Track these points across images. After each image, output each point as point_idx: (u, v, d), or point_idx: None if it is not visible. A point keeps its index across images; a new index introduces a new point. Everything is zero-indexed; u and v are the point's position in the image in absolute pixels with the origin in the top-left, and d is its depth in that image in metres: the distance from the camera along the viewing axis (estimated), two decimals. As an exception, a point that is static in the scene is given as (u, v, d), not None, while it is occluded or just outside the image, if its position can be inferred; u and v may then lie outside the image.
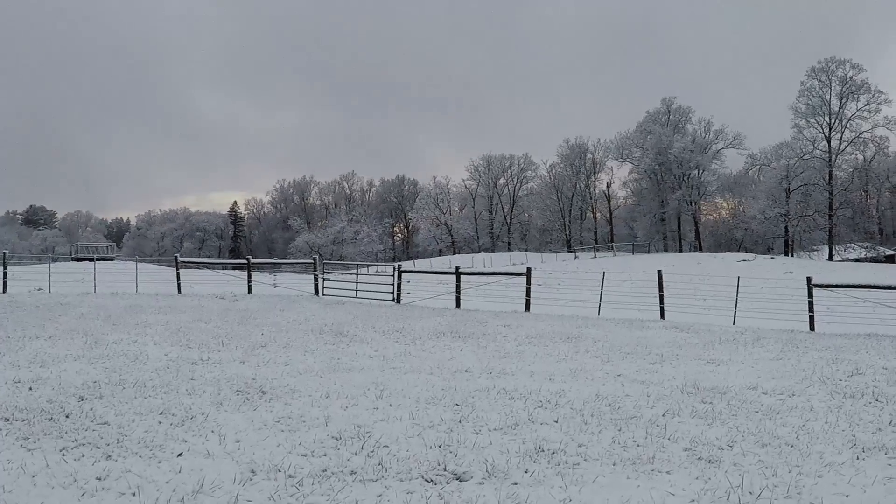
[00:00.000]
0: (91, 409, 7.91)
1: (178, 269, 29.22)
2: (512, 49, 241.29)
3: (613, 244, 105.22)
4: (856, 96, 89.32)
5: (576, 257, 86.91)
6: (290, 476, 5.94)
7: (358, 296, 28.25)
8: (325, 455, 6.56)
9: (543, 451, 6.88)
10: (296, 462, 6.31)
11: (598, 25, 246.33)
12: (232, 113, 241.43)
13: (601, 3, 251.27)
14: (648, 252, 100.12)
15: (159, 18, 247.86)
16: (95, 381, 9.52)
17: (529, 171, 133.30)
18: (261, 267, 40.69)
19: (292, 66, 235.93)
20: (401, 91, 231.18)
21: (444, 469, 6.26)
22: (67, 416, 7.59)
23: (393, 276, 27.89)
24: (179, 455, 6.41)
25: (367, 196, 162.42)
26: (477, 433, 7.46)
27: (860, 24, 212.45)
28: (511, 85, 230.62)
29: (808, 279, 22.62)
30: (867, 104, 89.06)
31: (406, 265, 65.38)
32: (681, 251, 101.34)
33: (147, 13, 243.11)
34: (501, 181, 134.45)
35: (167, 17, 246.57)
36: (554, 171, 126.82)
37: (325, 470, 6.12)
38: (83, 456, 6.29)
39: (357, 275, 30.91)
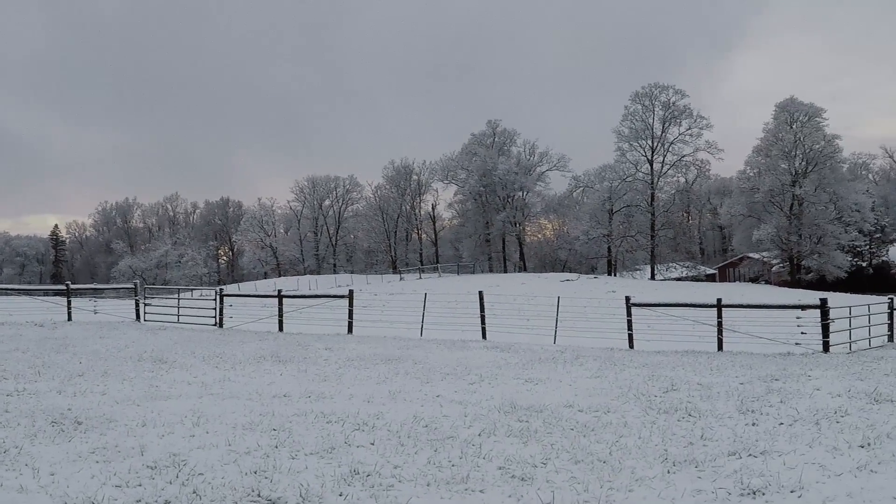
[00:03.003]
0: None
1: (-5, 298, 27.77)
2: (335, 69, 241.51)
3: (439, 265, 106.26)
4: (678, 121, 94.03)
5: (401, 278, 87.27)
6: (103, 508, 5.76)
7: (180, 321, 27.70)
8: (139, 485, 6.47)
9: (359, 473, 6.92)
10: (110, 493, 6.19)
11: (425, 48, 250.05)
12: (40, 128, 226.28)
13: (427, 26, 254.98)
14: (474, 272, 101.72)
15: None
16: None
17: (355, 193, 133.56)
18: (82, 293, 39.18)
19: (106, 82, 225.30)
20: (222, 109, 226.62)
21: (259, 495, 6.24)
22: None
23: (215, 300, 27.36)
24: (-11, 491, 6.14)
25: (191, 218, 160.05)
26: (293, 458, 7.45)
27: (686, 52, 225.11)
28: (337, 106, 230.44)
29: (627, 298, 23.44)
30: (689, 129, 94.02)
31: (230, 288, 64.16)
32: (506, 271, 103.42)
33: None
34: (327, 202, 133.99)
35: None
36: (379, 193, 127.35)
37: (140, 500, 6.06)
38: None
39: (179, 299, 30.10)
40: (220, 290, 28.86)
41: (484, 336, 24.10)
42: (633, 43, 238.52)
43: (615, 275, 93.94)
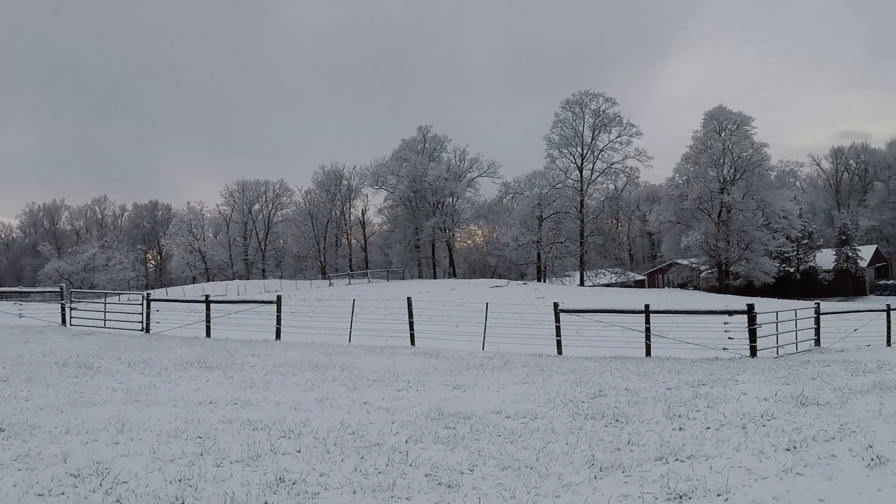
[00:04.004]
0: None
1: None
2: (267, 70, 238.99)
3: (368, 271, 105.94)
4: (608, 128, 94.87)
5: (330, 284, 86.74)
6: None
7: (107, 325, 27.19)
8: (62, 494, 6.41)
9: (284, 481, 6.91)
10: (32, 502, 6.16)
11: (358, 52, 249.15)
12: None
13: (360, 30, 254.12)
14: (403, 278, 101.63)
15: None
16: None
17: (285, 197, 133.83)
18: (7, 296, 38.49)
19: (29, 81, 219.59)
20: (151, 109, 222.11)
21: None
22: None
23: (142, 304, 26.93)
24: None
25: (119, 221, 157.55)
26: (218, 466, 7.39)
27: (617, 59, 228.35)
28: (268, 108, 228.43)
29: (556, 304, 23.56)
30: (619, 136, 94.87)
31: (158, 293, 63.32)
32: (435, 277, 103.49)
33: None
34: (256, 207, 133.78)
35: None
36: (309, 198, 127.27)
37: (63, 509, 5.94)
38: None
39: (106, 303, 29.56)
40: (148, 294, 28.45)
41: (412, 342, 24.04)
42: (566, 50, 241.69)
43: (544, 281, 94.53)
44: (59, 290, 30.22)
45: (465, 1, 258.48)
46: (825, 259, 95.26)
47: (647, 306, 22.09)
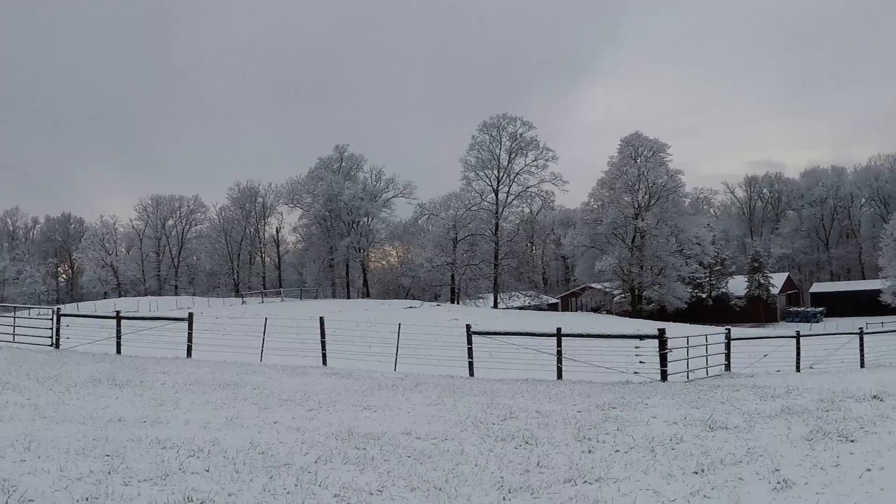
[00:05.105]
0: None
1: None
2: (182, 81, 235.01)
3: (282, 289, 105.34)
4: (524, 152, 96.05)
5: (244, 302, 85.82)
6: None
7: (16, 340, 26.93)
8: None
9: (192, 501, 6.81)
10: None
11: (277, 69, 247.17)
12: None
13: (280, 45, 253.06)
14: (317, 298, 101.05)
15: None
16: None
17: (199, 213, 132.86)
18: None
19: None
20: (64, 119, 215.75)
21: (90, 523, 6.04)
22: None
23: (52, 319, 26.43)
24: None
25: (31, 234, 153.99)
26: (126, 484, 7.25)
27: (537, 84, 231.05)
28: (184, 123, 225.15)
29: (468, 326, 23.68)
30: (535, 160, 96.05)
31: (69, 308, 61.91)
32: (349, 297, 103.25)
33: None
34: (170, 222, 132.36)
35: None
36: (224, 214, 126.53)
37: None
38: None
39: (15, 318, 28.94)
40: (58, 309, 27.98)
41: (324, 362, 23.94)
42: (487, 73, 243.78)
43: (458, 303, 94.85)
44: (-36, 304, 29.65)
45: (389, 20, 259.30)
46: (738, 285, 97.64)
47: (559, 329, 22.31)
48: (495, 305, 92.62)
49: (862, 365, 28.29)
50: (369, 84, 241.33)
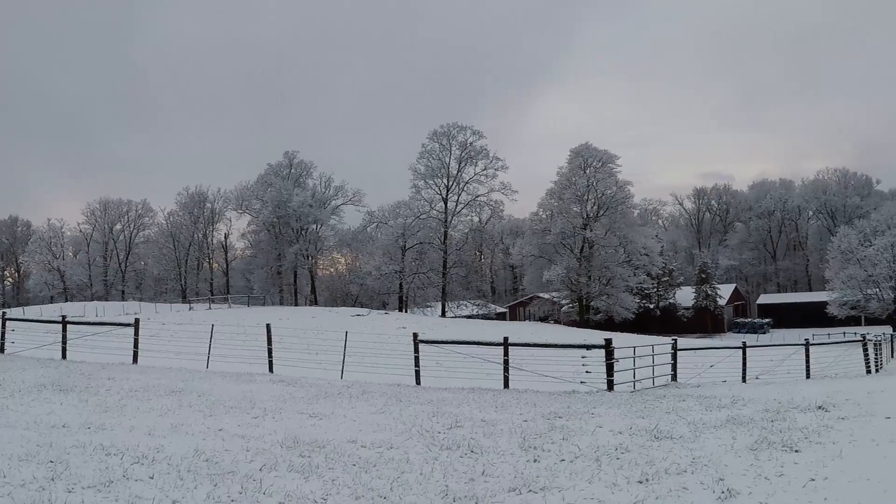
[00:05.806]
0: None
1: None
2: (131, 83, 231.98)
3: (230, 296, 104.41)
4: (474, 161, 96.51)
5: (191, 308, 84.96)
6: None
7: None
8: None
9: None
10: None
11: (229, 74, 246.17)
12: None
13: (231, 51, 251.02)
14: (265, 305, 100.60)
15: None
16: None
17: (147, 218, 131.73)
18: None
19: None
20: (9, 119, 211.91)
21: (33, 530, 5.96)
22: None
23: (-3, 324, 26.06)
24: None
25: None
26: (70, 491, 7.17)
27: (488, 93, 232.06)
28: (133, 124, 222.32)
29: (415, 335, 23.70)
30: (485, 169, 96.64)
31: (14, 312, 60.88)
32: (297, 304, 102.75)
33: None
34: (118, 227, 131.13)
35: None
36: (172, 220, 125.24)
37: None
38: None
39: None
40: (3, 313, 27.53)
41: (271, 369, 23.84)
42: (439, 82, 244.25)
43: (406, 311, 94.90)
44: None
45: (341, 29, 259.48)
46: (685, 296, 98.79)
47: (506, 339, 22.40)
48: (443, 314, 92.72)
49: (808, 376, 28.65)
50: (321, 91, 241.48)
